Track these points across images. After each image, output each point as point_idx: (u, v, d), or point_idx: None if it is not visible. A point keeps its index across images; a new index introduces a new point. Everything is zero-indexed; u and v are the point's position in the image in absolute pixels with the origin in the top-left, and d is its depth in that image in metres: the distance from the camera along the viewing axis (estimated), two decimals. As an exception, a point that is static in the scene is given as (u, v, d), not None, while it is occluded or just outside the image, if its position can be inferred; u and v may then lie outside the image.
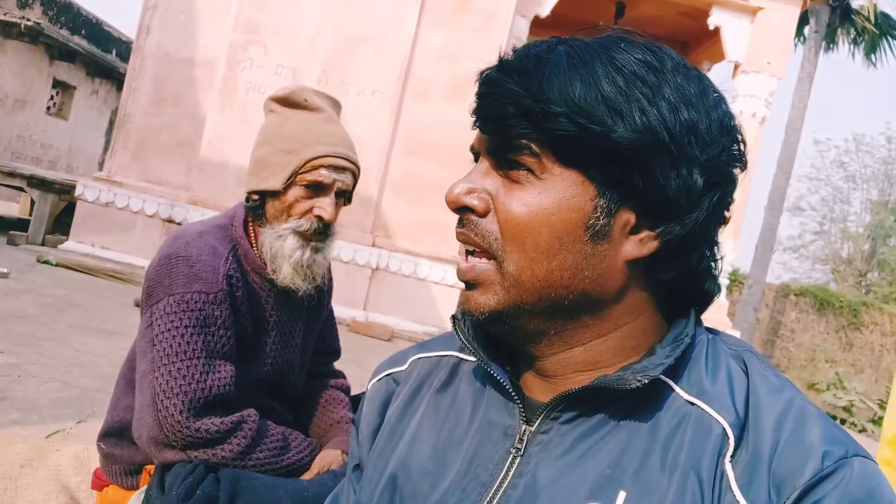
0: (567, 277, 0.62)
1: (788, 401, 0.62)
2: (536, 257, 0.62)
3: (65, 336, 3.97)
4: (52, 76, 13.29)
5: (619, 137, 0.58)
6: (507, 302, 0.63)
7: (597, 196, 0.61)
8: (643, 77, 0.60)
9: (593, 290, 0.63)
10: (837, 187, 21.91)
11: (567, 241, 0.61)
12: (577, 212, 0.61)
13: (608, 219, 0.61)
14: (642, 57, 0.61)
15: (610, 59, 0.61)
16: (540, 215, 0.61)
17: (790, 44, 7.91)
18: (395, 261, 7.10)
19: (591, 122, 0.58)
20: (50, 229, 7.53)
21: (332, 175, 1.46)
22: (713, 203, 0.62)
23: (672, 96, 0.60)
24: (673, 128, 0.59)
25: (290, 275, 1.45)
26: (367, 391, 0.84)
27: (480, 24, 7.28)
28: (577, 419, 0.65)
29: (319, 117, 1.49)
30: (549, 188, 0.61)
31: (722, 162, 0.63)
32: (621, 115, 0.58)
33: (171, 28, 7.34)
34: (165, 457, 1.31)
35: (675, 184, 0.60)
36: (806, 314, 14.04)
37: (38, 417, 2.64)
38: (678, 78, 0.61)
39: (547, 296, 0.62)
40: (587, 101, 0.58)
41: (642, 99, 0.59)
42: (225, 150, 7.07)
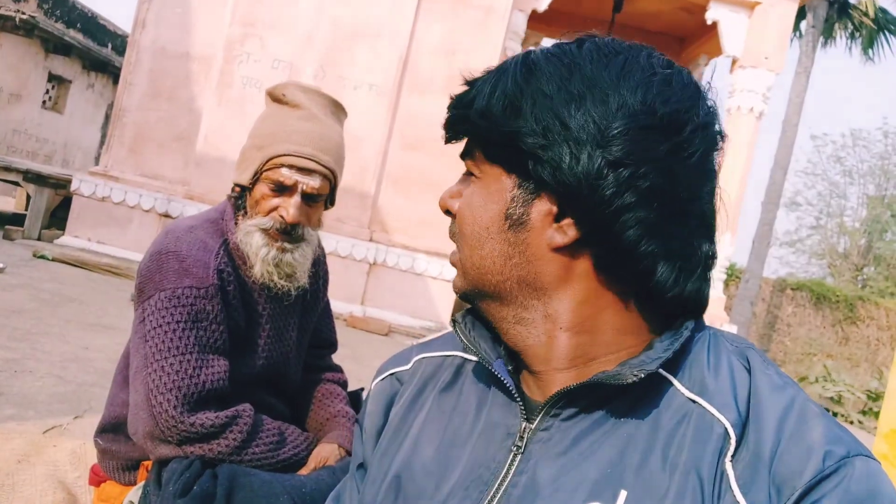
0: (499, 264, 0.67)
1: (791, 400, 0.61)
2: (473, 245, 0.69)
3: (61, 331, 3.96)
4: (48, 70, 13.24)
5: (510, 129, 0.64)
6: (466, 285, 0.71)
7: (514, 187, 0.66)
8: (550, 73, 0.64)
9: (528, 277, 0.67)
10: (834, 182, 21.95)
11: (492, 230, 0.67)
12: (498, 203, 0.67)
13: (524, 208, 0.65)
14: (555, 51, 0.66)
15: (525, 63, 0.66)
16: (473, 209, 0.69)
17: (788, 39, 7.90)
18: (393, 256, 7.10)
19: (491, 121, 0.65)
20: (46, 224, 7.51)
21: (294, 176, 1.42)
22: (622, 180, 0.60)
23: (577, 87, 0.62)
24: (568, 117, 0.62)
25: (261, 272, 1.44)
26: (370, 390, 0.84)
27: (478, 18, 7.26)
28: (577, 416, 0.65)
29: (297, 114, 1.45)
30: (481, 185, 0.69)
31: (631, 140, 0.60)
32: (517, 111, 0.63)
33: (167, 22, 7.30)
34: (161, 452, 1.31)
35: (575, 169, 0.61)
36: (802, 308, 14.08)
37: (34, 413, 2.63)
38: (593, 67, 0.63)
39: (487, 280, 0.68)
40: (492, 102, 0.65)
41: (538, 94, 0.63)
42: (221, 145, 7.05)
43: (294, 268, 1.47)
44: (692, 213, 0.64)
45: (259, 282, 1.46)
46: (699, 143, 0.63)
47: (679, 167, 0.62)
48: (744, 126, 7.75)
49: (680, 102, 0.62)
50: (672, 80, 0.64)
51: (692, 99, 0.64)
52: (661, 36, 10.04)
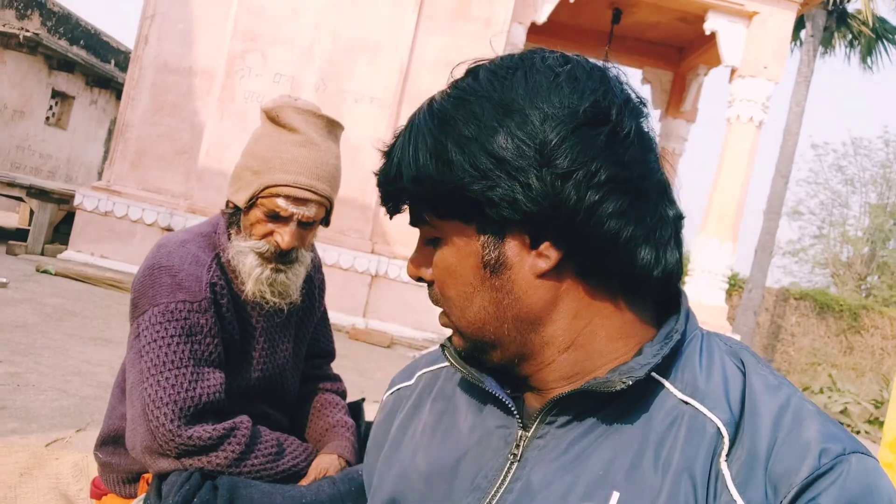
0: (492, 312, 0.66)
1: (786, 399, 0.62)
2: (462, 305, 0.68)
3: (64, 345, 3.97)
4: (51, 86, 13.33)
5: (455, 186, 0.62)
6: (466, 343, 0.70)
7: (479, 235, 0.65)
8: (460, 115, 0.63)
9: (521, 312, 0.66)
10: (836, 191, 21.92)
11: (475, 283, 0.66)
12: (471, 255, 0.66)
13: (498, 250, 0.64)
14: (455, 93, 0.65)
15: (430, 111, 0.66)
16: (449, 271, 0.68)
17: (786, 48, 7.93)
18: (395, 267, 7.10)
19: (428, 185, 0.64)
20: (49, 239, 7.53)
21: (290, 207, 1.41)
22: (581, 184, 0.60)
23: (493, 118, 0.61)
24: (499, 151, 0.61)
25: (253, 290, 1.44)
26: (381, 403, 0.86)
27: (478, 30, 7.31)
28: (571, 423, 0.65)
29: (293, 139, 1.43)
30: (447, 245, 0.67)
31: (571, 146, 0.60)
32: (450, 164, 0.62)
33: (170, 37, 7.36)
34: (160, 466, 1.31)
35: (530, 195, 0.60)
36: (806, 318, 14.03)
37: (37, 426, 2.64)
38: (495, 93, 0.62)
39: (486, 332, 0.67)
40: (419, 164, 0.64)
41: (460, 140, 0.62)
42: (223, 159, 7.08)
43: (287, 286, 1.47)
44: (651, 187, 0.64)
45: (250, 298, 1.46)
46: (629, 120, 0.63)
47: (623, 150, 0.62)
48: (744, 135, 7.76)
49: (593, 91, 0.62)
50: (576, 73, 0.63)
51: (601, 81, 0.64)
52: (660, 46, 10.09)
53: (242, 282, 1.45)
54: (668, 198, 0.66)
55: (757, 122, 7.77)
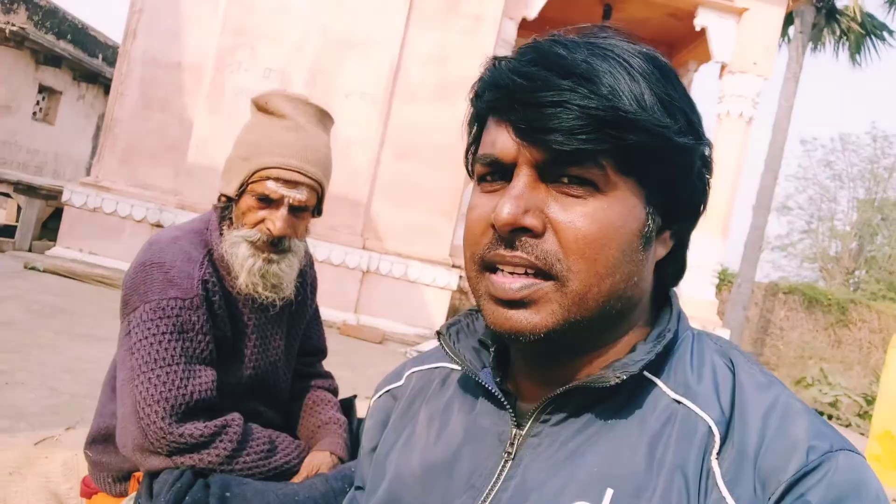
0: (622, 287, 0.61)
1: (774, 397, 0.62)
2: (605, 273, 0.59)
3: (53, 342, 3.94)
4: (38, 81, 13.20)
5: (683, 141, 0.59)
6: (565, 321, 0.60)
7: (647, 204, 0.61)
8: (669, 78, 0.61)
9: (635, 295, 0.64)
10: (824, 186, 22.08)
11: (627, 251, 0.60)
12: (638, 221, 0.60)
13: (654, 224, 0.62)
14: (654, 57, 0.61)
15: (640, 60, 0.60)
16: (610, 230, 0.59)
17: (776, 44, 7.96)
18: (386, 263, 7.09)
19: (667, 130, 0.57)
20: (37, 235, 7.47)
21: (280, 189, 1.40)
22: (707, 189, 0.66)
23: (678, 95, 0.61)
24: (701, 129, 0.62)
25: (246, 283, 1.43)
26: (369, 408, 0.85)
27: (468, 26, 7.29)
28: (566, 420, 0.66)
29: (282, 124, 1.43)
30: (613, 201, 0.59)
31: (711, 157, 0.65)
32: (674, 118, 0.59)
33: (158, 32, 7.30)
34: (152, 464, 1.30)
35: (701, 185, 0.64)
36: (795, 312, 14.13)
37: (26, 424, 2.62)
38: (672, 75, 0.62)
39: (606, 308, 0.61)
40: (653, 107, 0.57)
41: (680, 101, 0.60)
42: (213, 155, 7.04)
43: (280, 279, 1.46)
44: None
45: (244, 292, 1.45)
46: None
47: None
48: (734, 131, 7.80)
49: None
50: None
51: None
52: (650, 42, 9.98)
53: (235, 275, 1.43)
54: None
55: (747, 118, 7.80)
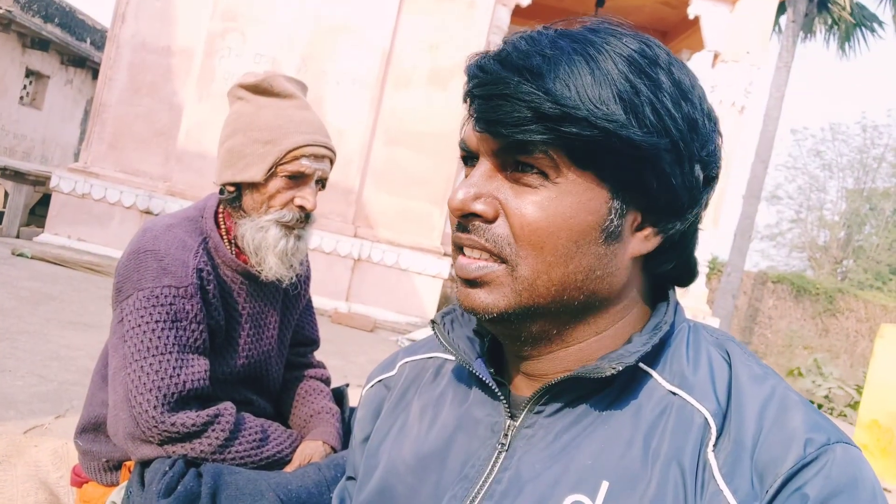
0: (580, 279, 0.62)
1: (771, 389, 0.62)
2: (554, 262, 0.61)
3: (41, 329, 3.91)
4: (25, 65, 13.02)
5: (637, 138, 0.57)
6: (517, 305, 0.62)
7: (611, 198, 0.60)
8: (645, 71, 0.59)
9: (601, 290, 0.63)
10: (814, 176, 22.21)
11: (583, 243, 0.61)
12: (594, 214, 0.60)
13: (621, 219, 0.61)
14: (639, 48, 0.60)
15: (614, 53, 0.59)
16: (558, 220, 0.60)
17: (769, 33, 7.96)
18: (377, 251, 7.08)
19: (611, 123, 0.57)
20: (25, 221, 7.40)
21: (313, 165, 1.43)
22: (709, 196, 0.64)
23: (671, 90, 0.59)
24: (679, 124, 0.59)
25: (275, 265, 1.43)
26: (361, 398, 0.85)
27: (461, 12, 7.24)
28: (560, 412, 0.65)
29: (293, 104, 1.45)
30: (565, 192, 0.60)
31: (717, 156, 0.64)
32: (636, 114, 0.58)
33: (147, 16, 7.21)
34: (143, 453, 1.30)
35: (681, 181, 0.61)
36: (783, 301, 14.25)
37: (15, 412, 2.60)
38: (674, 70, 0.61)
39: (560, 298, 0.62)
40: (604, 101, 0.57)
41: (650, 95, 0.58)
42: (203, 141, 6.98)
43: (303, 254, 1.50)
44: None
45: (265, 277, 1.45)
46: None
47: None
48: (726, 120, 7.81)
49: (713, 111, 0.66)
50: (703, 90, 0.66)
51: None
52: (643, 30, 10.05)
53: (261, 259, 1.43)
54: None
55: (739, 107, 7.81)
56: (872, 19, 13.37)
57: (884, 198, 20.67)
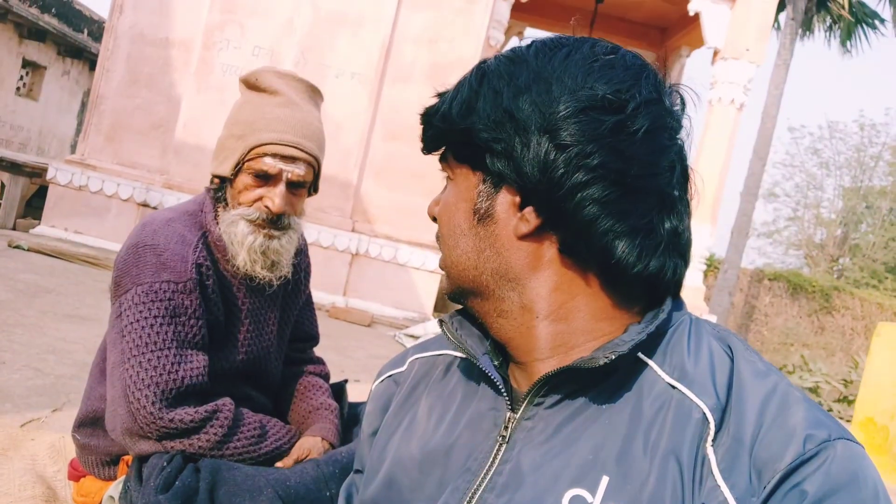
0: (473, 258, 0.70)
1: (773, 385, 0.62)
2: (452, 245, 0.72)
3: (38, 322, 3.90)
4: (22, 56, 12.95)
5: (467, 128, 0.67)
6: (451, 286, 0.74)
7: (479, 183, 0.69)
8: (497, 71, 0.68)
9: (500, 268, 0.69)
10: (811, 174, 22.21)
11: (464, 227, 0.70)
12: (467, 200, 0.70)
13: (489, 201, 0.68)
14: (508, 54, 0.70)
15: (479, 66, 0.71)
16: (449, 208, 0.72)
17: (769, 30, 7.95)
18: (375, 246, 7.07)
19: (448, 122, 0.69)
20: (21, 213, 7.37)
21: (278, 165, 1.39)
22: (571, 160, 0.62)
23: (522, 80, 0.66)
24: (516, 109, 0.65)
25: (246, 261, 1.41)
26: (371, 392, 0.87)
27: (461, 6, 7.21)
28: (559, 404, 0.66)
29: (275, 101, 1.42)
30: (452, 185, 0.72)
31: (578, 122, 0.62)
32: (472, 110, 0.67)
33: (145, 7, 7.17)
34: (141, 448, 1.29)
35: (527, 158, 0.64)
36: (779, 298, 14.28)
37: (11, 406, 2.59)
38: (535, 61, 0.67)
39: (466, 277, 0.71)
40: (452, 106, 0.69)
41: (489, 92, 0.67)
42: (201, 133, 6.96)
43: (280, 255, 1.45)
44: (648, 189, 0.65)
45: (241, 272, 1.43)
46: (643, 119, 0.64)
47: (625, 144, 0.63)
48: (724, 118, 7.80)
49: (621, 82, 0.64)
50: (615, 63, 0.66)
51: (634, 77, 0.65)
52: (643, 26, 10.06)
53: (234, 254, 1.41)
54: (671, 209, 0.66)
55: (738, 104, 7.81)
56: (874, 16, 13.35)
57: (880, 196, 20.70)
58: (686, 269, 0.69)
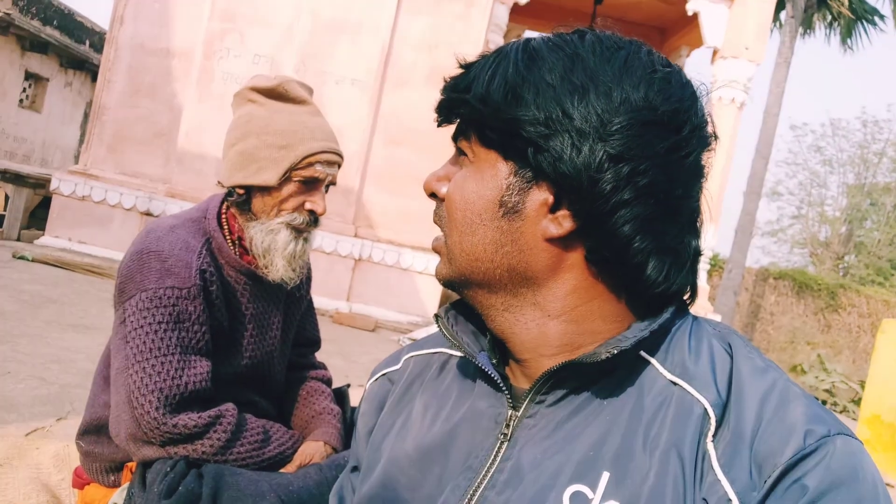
0: (490, 251, 0.66)
1: (772, 382, 0.62)
2: (463, 232, 0.68)
3: (42, 332, 3.91)
4: (24, 68, 13.03)
5: (511, 117, 0.63)
6: (453, 272, 0.70)
7: (510, 174, 0.65)
8: (552, 62, 0.63)
9: (519, 266, 0.66)
10: (814, 172, 22.15)
11: (485, 216, 0.66)
12: (493, 189, 0.66)
13: (520, 196, 0.65)
14: (560, 42, 0.65)
15: (526, 50, 0.65)
16: (466, 194, 0.67)
17: (768, 29, 7.95)
18: (378, 251, 7.08)
19: (491, 106, 0.64)
20: (25, 224, 7.40)
21: (326, 170, 1.47)
22: (622, 176, 0.61)
23: (579, 79, 0.62)
24: (571, 108, 0.61)
25: (283, 267, 1.45)
26: (365, 391, 0.86)
27: (460, 11, 7.23)
28: (561, 401, 0.66)
29: (307, 110, 1.48)
30: (475, 170, 0.67)
31: (632, 135, 0.61)
32: (519, 99, 0.63)
33: (146, 17, 7.21)
34: (145, 454, 1.30)
35: (576, 161, 0.61)
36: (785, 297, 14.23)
37: (16, 415, 2.60)
38: (596, 60, 0.63)
39: (476, 268, 0.68)
40: (492, 89, 0.64)
41: (542, 83, 0.63)
42: (203, 142, 6.98)
43: (308, 255, 1.53)
44: (684, 210, 0.65)
45: (273, 279, 1.46)
46: (696, 142, 0.64)
47: (676, 165, 0.63)
48: (725, 117, 7.79)
49: (680, 101, 0.64)
50: (671, 78, 0.64)
51: (691, 99, 0.65)
52: (642, 27, 10.07)
53: (269, 262, 1.45)
54: (696, 228, 0.68)
55: (739, 103, 7.80)
56: (873, 13, 13.33)
57: (885, 193, 20.62)
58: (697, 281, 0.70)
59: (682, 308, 0.69)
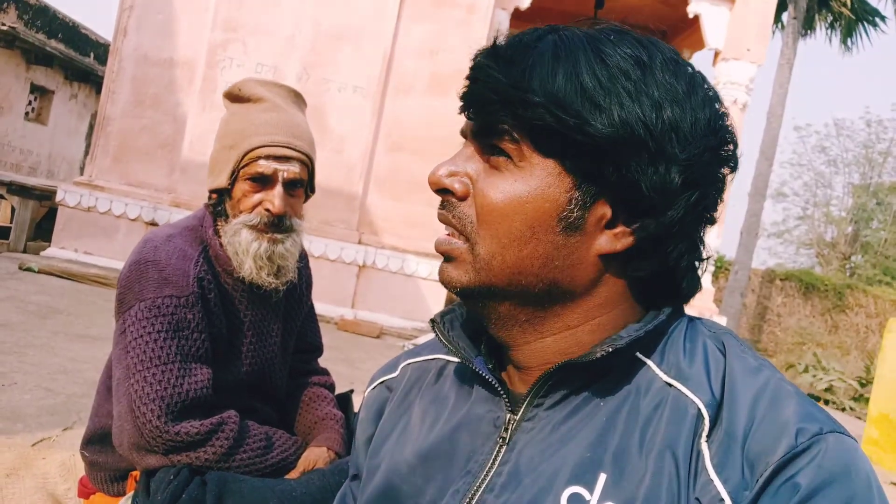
0: (538, 266, 0.63)
1: (765, 381, 0.62)
2: (508, 244, 0.62)
3: (49, 343, 3.93)
4: (30, 81, 13.12)
5: (595, 131, 0.58)
6: (478, 282, 0.64)
7: (572, 188, 0.61)
8: (627, 71, 0.60)
9: (563, 281, 0.64)
10: (819, 172, 22.09)
11: (539, 230, 0.62)
12: (552, 202, 0.61)
13: (582, 211, 0.61)
14: (630, 51, 0.61)
15: (596, 52, 0.60)
16: (514, 203, 0.61)
17: (769, 30, 7.94)
18: (382, 257, 7.08)
19: (567, 113, 0.58)
20: (31, 236, 7.44)
21: (273, 165, 1.41)
22: (691, 203, 0.62)
23: (657, 93, 0.60)
24: (653, 125, 0.59)
25: (252, 269, 1.43)
26: (363, 399, 0.86)
27: (461, 17, 7.26)
28: (559, 403, 0.66)
29: (260, 107, 1.45)
30: (526, 176, 0.61)
31: (703, 162, 0.62)
32: (599, 109, 0.58)
33: (149, 29, 7.25)
34: (148, 462, 1.30)
35: (652, 181, 0.60)
36: (792, 298, 14.17)
37: (23, 426, 2.61)
38: (666, 75, 0.61)
39: (517, 282, 0.63)
40: (566, 92, 0.58)
41: (623, 94, 0.59)
42: (207, 151, 6.97)
43: (285, 259, 1.47)
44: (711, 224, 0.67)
45: (247, 280, 1.44)
46: (734, 165, 0.66)
47: (723, 187, 0.65)
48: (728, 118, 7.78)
49: (731, 128, 0.65)
50: (716, 98, 0.65)
51: (731, 121, 0.66)
52: (643, 31, 10.04)
53: (239, 264, 1.43)
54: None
55: (741, 104, 7.79)
56: (874, 14, 13.32)
57: (890, 192, 20.53)
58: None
59: (678, 309, 0.69)
